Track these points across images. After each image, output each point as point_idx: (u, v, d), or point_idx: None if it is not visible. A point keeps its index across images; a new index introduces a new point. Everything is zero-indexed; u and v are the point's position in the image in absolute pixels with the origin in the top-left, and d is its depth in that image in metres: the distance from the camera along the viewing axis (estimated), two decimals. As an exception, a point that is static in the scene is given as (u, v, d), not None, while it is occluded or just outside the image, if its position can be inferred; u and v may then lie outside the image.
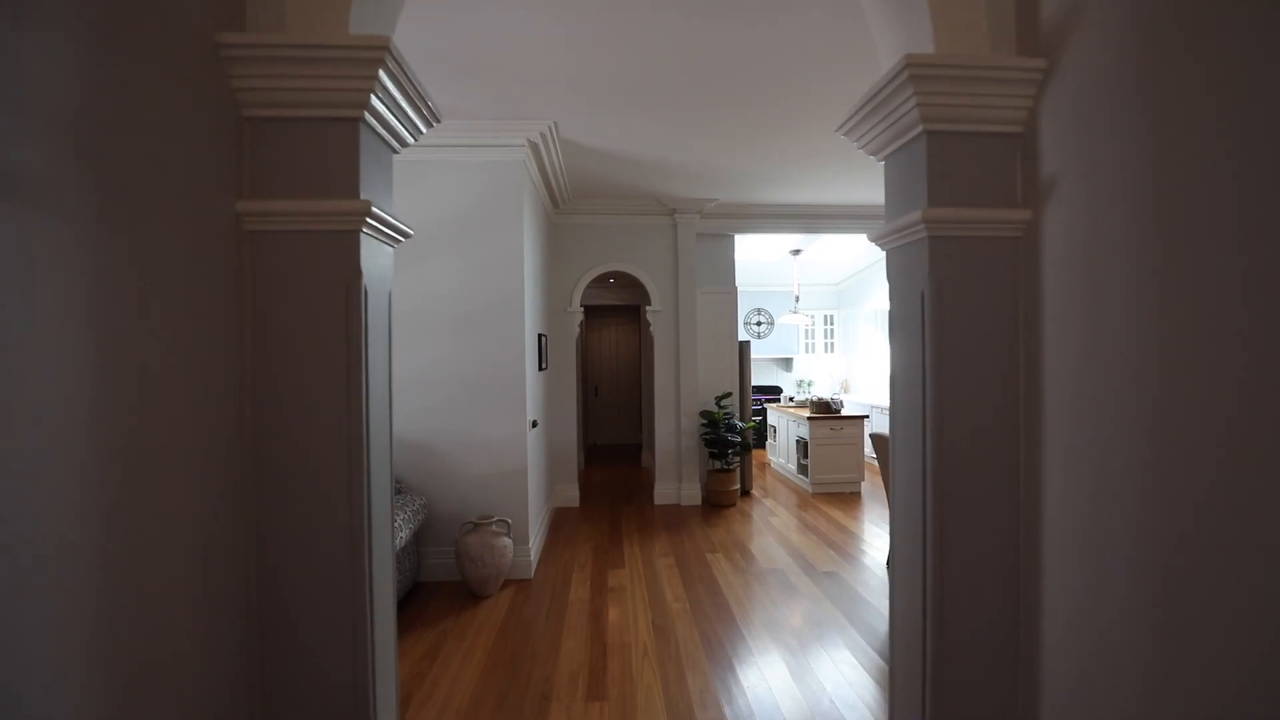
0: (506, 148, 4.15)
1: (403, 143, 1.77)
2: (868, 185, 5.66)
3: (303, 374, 1.46)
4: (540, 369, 5.05)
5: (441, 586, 4.07)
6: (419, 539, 4.13)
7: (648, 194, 5.90)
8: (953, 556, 1.49)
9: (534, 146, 4.27)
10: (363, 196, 1.47)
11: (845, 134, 1.78)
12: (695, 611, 3.67)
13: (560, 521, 5.70)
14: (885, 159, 1.73)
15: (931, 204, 1.45)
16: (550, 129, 4.14)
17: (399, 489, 3.98)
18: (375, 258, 1.61)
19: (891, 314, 1.67)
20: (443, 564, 4.15)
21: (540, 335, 5.07)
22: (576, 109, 3.88)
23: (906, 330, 1.59)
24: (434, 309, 4.15)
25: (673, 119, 4.05)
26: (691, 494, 6.34)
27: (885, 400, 8.33)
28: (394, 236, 1.72)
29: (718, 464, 6.43)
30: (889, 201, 1.69)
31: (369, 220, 1.48)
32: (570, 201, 6.06)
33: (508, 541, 3.93)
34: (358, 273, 1.46)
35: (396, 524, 3.38)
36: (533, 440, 4.57)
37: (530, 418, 4.39)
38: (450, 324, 4.16)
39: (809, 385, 10.10)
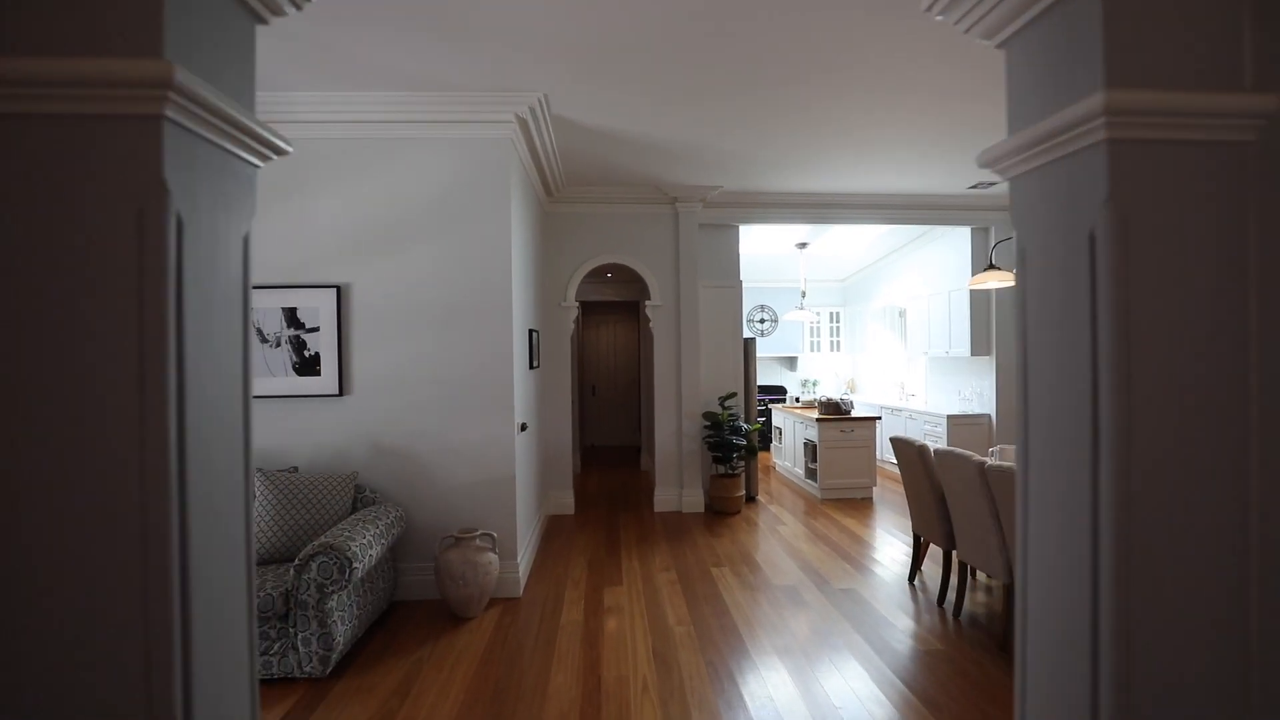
0: (493, 124, 3.78)
1: (272, 6, 1.18)
2: (884, 172, 5.29)
3: (64, 364, 0.89)
4: (531, 367, 4.68)
5: (421, 606, 3.69)
6: (396, 553, 3.74)
7: (647, 180, 5.52)
8: (1147, 636, 0.95)
9: (523, 123, 3.90)
10: (171, 58, 0.90)
11: (941, 12, 1.28)
12: (700, 636, 3.30)
13: (553, 531, 5.32)
14: (1009, 40, 1.18)
15: (1113, 84, 0.92)
16: (540, 103, 3.77)
17: (373, 498, 3.60)
18: (205, 172, 1.03)
19: (1025, 272, 1.10)
20: (422, 580, 3.78)
21: (531, 331, 4.70)
22: (569, 80, 3.51)
23: (1060, 293, 1.03)
24: (411, 302, 3.77)
25: (676, 94, 3.68)
26: (694, 500, 5.96)
27: (895, 400, 7.98)
28: (249, 144, 1.13)
29: (721, 468, 6.06)
30: (1018, 102, 1.16)
31: (176, 99, 0.90)
32: (564, 189, 5.69)
33: (493, 557, 3.55)
34: (160, 188, 0.90)
35: (367, 539, 3.01)
36: (522, 444, 4.19)
37: (519, 420, 4.01)
38: (430, 318, 3.78)
39: (814, 385, 9.74)
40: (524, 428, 4.10)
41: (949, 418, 6.44)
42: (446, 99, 3.66)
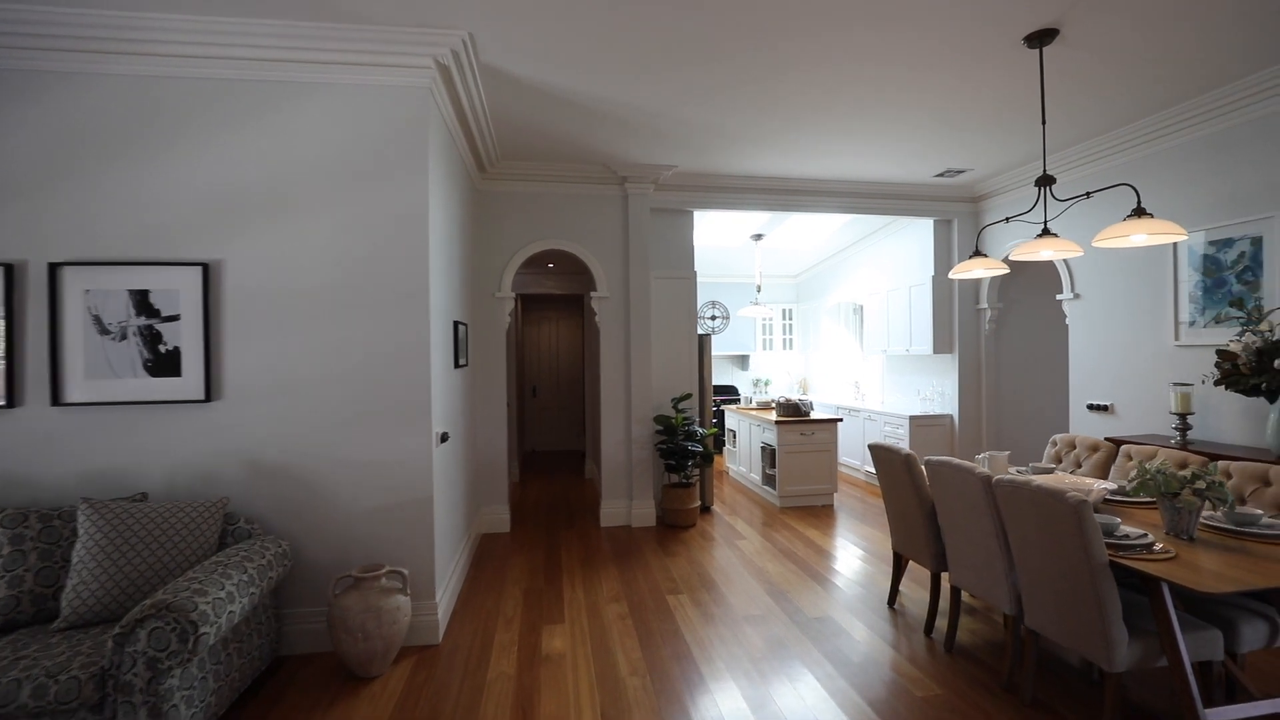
0: (406, 68, 3.09)
1: None
2: (850, 155, 4.86)
3: None
4: (457, 365, 4.00)
5: (313, 662, 2.97)
6: (279, 598, 3.01)
7: (594, 156, 4.92)
8: None
9: (445, 71, 3.23)
10: None
11: None
12: (659, 688, 2.73)
13: (485, 554, 4.64)
14: None
15: None
16: (465, 46, 3.11)
17: (248, 531, 2.85)
18: None
19: None
20: (315, 629, 3.06)
21: (457, 324, 4.01)
22: (500, 15, 2.87)
23: None
24: (302, 285, 3.04)
25: (630, 46, 3.10)
26: (644, 513, 5.40)
27: (850, 400, 7.65)
28: None
29: (675, 477, 5.53)
30: None
31: None
32: (499, 163, 5.02)
33: (402, 600, 2.87)
34: None
35: (227, 590, 2.28)
36: (443, 458, 3.52)
37: (439, 429, 3.34)
38: (326, 305, 3.06)
39: (766, 384, 9.35)
40: (445, 438, 3.43)
41: (912, 419, 6.12)
42: (348, 33, 2.95)
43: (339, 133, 3.08)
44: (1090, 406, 4.87)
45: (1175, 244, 4.24)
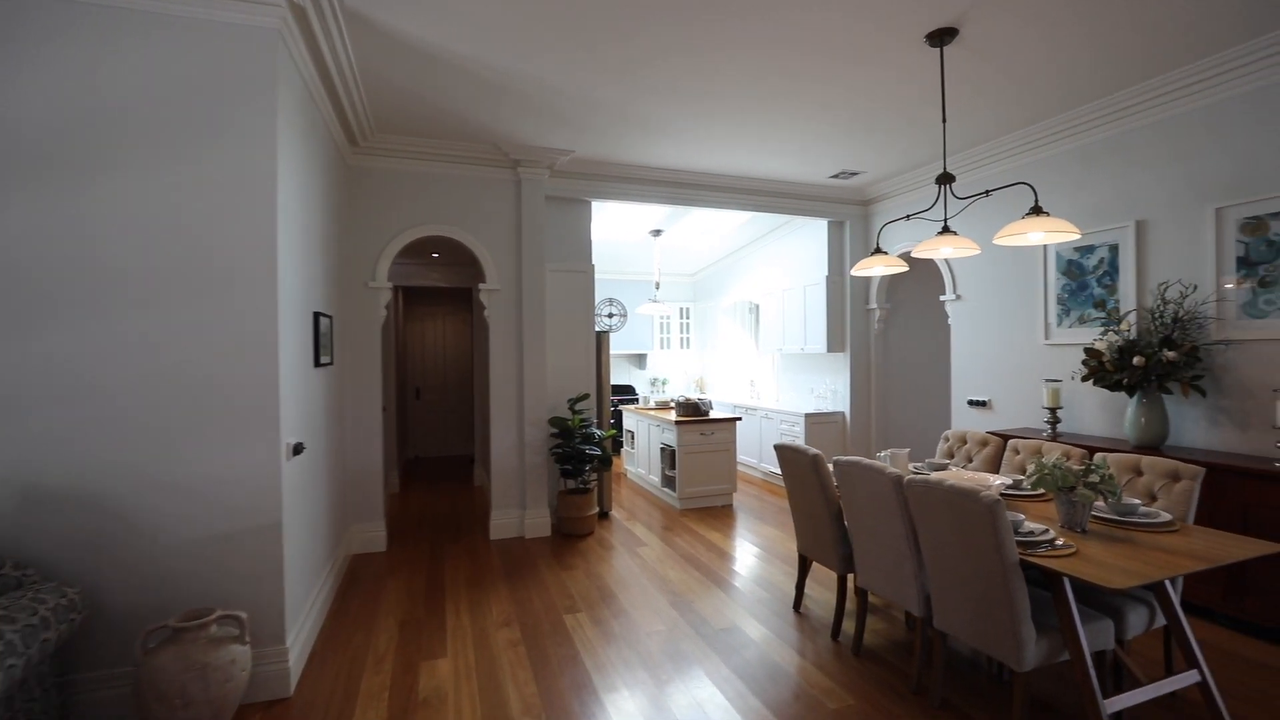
0: (249, 2, 2.54)
1: None
2: (753, 150, 4.78)
3: None
4: (318, 364, 3.43)
5: (115, 737, 2.36)
6: (66, 663, 2.36)
7: (483, 134, 4.49)
8: None
9: (299, 11, 2.71)
10: None
11: None
12: (557, 729, 2.41)
13: (355, 579, 4.07)
14: None
15: None
16: (324, -18, 2.62)
17: (17, 579, 2.20)
18: None
19: None
20: (123, 694, 2.43)
21: (319, 315, 3.45)
22: (366, -55, 2.42)
23: None
24: (104, 262, 2.41)
25: (528, 3, 2.75)
26: (538, 522, 5.02)
27: (745, 399, 7.69)
28: None
29: (572, 483, 5.20)
30: None
31: None
32: (373, 136, 4.45)
33: (239, 650, 2.34)
34: None
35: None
36: (297, 473, 2.97)
37: (290, 439, 2.80)
38: (139, 288, 2.45)
39: (664, 384, 9.25)
40: (299, 449, 2.89)
41: (806, 416, 6.20)
42: (162, -52, 2.37)
43: (161, 75, 2.47)
44: (971, 402, 5.11)
45: (1045, 248, 4.51)
